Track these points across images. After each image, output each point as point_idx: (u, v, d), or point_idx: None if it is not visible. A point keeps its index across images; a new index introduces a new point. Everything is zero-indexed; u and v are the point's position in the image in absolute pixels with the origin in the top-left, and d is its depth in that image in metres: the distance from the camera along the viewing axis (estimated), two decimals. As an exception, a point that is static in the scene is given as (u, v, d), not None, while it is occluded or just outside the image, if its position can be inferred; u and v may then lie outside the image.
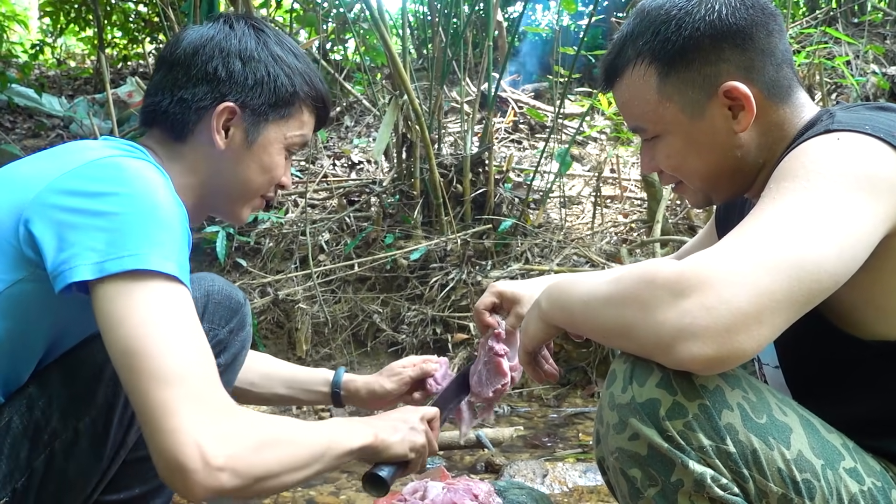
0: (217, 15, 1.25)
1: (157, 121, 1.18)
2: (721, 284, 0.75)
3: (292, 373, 1.56)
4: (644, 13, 1.05)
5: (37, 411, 1.03)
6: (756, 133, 1.02)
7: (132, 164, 1.01)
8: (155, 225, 0.95)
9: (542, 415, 2.68)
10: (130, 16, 5.48)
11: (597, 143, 4.49)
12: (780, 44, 1.02)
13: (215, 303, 1.23)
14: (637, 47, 1.04)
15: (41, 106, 4.52)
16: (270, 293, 2.93)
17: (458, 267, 3.00)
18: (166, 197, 0.99)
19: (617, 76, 1.08)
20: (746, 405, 0.81)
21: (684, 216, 3.46)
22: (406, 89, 2.86)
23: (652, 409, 0.81)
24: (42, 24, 5.72)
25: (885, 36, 4.83)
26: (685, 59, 1.00)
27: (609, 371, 0.88)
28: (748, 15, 1.00)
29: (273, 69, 1.17)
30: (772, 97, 1.02)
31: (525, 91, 5.12)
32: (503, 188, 3.30)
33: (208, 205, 1.24)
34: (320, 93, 1.24)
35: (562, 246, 3.17)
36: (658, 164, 1.10)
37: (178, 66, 1.16)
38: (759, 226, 0.81)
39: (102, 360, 1.10)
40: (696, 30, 0.99)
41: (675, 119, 1.03)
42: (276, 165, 1.22)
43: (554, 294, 0.98)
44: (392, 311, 2.99)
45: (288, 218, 3.30)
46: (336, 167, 3.92)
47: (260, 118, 1.18)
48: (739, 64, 1.00)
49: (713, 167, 1.05)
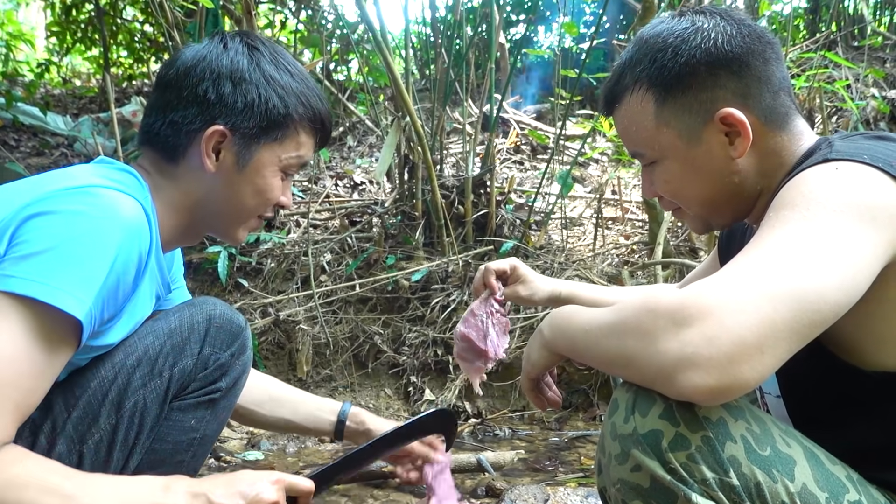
0: (214, 32, 1.24)
1: (151, 142, 1.18)
2: (722, 313, 0.75)
3: (299, 399, 1.56)
4: (642, 41, 1.07)
5: (41, 437, 1.04)
6: (754, 159, 1.03)
7: (103, 196, 1.00)
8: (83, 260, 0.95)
9: (543, 438, 2.67)
10: (136, 35, 5.53)
11: (598, 164, 4.51)
12: (777, 71, 1.04)
13: (217, 327, 1.24)
14: (635, 74, 1.06)
15: (46, 124, 4.54)
16: (272, 314, 2.93)
17: (459, 288, 3.00)
18: (116, 235, 0.98)
19: (616, 102, 1.10)
20: (750, 437, 0.81)
21: (685, 238, 3.47)
22: (408, 111, 2.88)
23: (654, 440, 0.81)
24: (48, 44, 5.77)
25: (885, 60, 4.86)
26: (681, 86, 1.03)
27: (611, 400, 0.88)
28: (744, 43, 1.02)
29: (264, 91, 1.16)
30: (769, 124, 1.03)
31: (527, 112, 5.15)
32: (505, 209, 3.30)
33: (204, 225, 1.24)
34: (318, 113, 1.21)
35: (563, 268, 3.17)
36: (657, 189, 1.11)
37: (171, 87, 1.16)
38: (759, 255, 0.82)
39: (104, 382, 1.11)
40: (692, 57, 1.02)
41: (673, 145, 1.05)
42: (271, 188, 1.20)
43: (556, 322, 0.99)
44: (393, 333, 2.98)
45: (290, 238, 3.30)
46: (338, 187, 3.93)
47: (251, 141, 1.16)
48: (736, 91, 1.01)
49: (711, 193, 1.06)
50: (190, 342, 1.19)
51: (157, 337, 1.17)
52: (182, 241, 1.27)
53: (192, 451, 1.21)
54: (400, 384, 2.92)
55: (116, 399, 1.11)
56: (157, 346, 1.16)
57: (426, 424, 1.46)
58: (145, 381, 1.14)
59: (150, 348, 1.16)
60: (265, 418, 1.52)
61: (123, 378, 1.12)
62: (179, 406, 1.19)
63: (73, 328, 0.96)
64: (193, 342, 1.20)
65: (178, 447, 1.19)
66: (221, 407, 1.25)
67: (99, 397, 1.10)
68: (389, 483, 2.03)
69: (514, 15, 6.47)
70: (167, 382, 1.16)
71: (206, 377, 1.21)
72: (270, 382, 1.55)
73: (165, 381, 1.16)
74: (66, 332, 0.96)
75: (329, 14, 5.10)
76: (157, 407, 1.15)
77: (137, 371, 1.13)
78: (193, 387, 1.20)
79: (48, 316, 0.93)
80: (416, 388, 2.87)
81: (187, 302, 1.27)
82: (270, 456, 2.40)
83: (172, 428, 1.18)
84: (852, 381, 0.94)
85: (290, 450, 2.47)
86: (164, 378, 1.16)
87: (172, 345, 1.18)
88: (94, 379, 1.11)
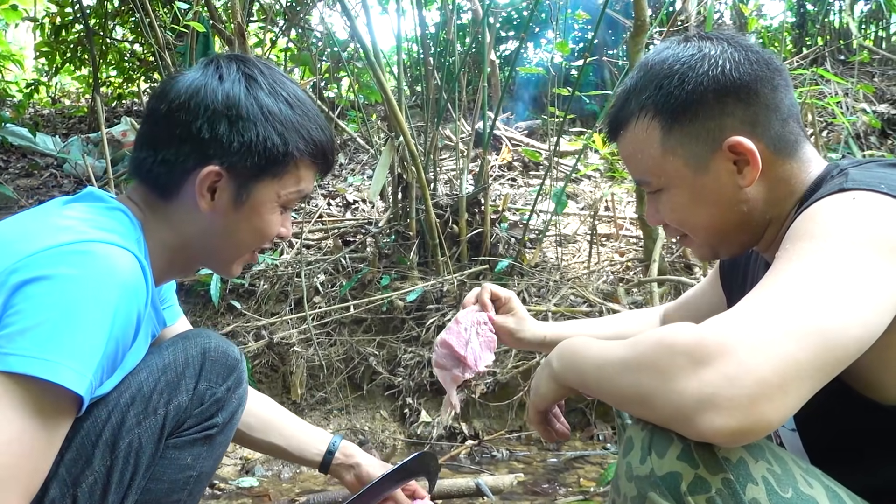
0: (209, 58, 1.16)
1: (143, 177, 1.12)
2: (743, 352, 0.73)
3: (290, 426, 1.52)
4: (648, 67, 1.05)
5: (33, 481, 1.00)
6: (763, 188, 1.01)
7: (98, 256, 0.96)
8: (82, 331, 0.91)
9: (541, 459, 2.64)
10: (126, 55, 5.51)
11: (590, 180, 4.51)
12: (785, 98, 1.02)
13: (212, 360, 1.20)
14: (640, 101, 1.04)
15: (35, 145, 4.50)
16: (265, 336, 2.89)
17: (454, 308, 2.97)
18: (113, 299, 0.94)
19: (621, 129, 1.08)
20: (772, 478, 0.78)
21: (680, 255, 3.46)
22: (402, 130, 2.87)
23: (673, 483, 0.78)
24: (37, 64, 5.74)
25: (874, 74, 4.90)
26: (688, 114, 1.01)
27: (625, 439, 0.86)
28: (752, 70, 1.00)
29: (263, 129, 1.09)
30: (778, 152, 1.01)
31: (518, 129, 5.14)
32: (500, 228, 3.28)
33: (197, 261, 1.20)
34: (320, 145, 1.15)
35: (559, 286, 3.15)
36: (663, 217, 1.09)
37: (163, 121, 1.10)
38: (778, 290, 0.79)
39: (97, 423, 1.07)
40: (699, 84, 1.00)
41: (679, 173, 1.03)
42: (269, 224, 1.15)
43: (566, 355, 0.96)
44: (388, 354, 2.95)
45: (283, 259, 3.27)
46: (331, 206, 3.90)
47: (249, 180, 1.10)
48: (744, 119, 0.99)
49: (718, 221, 1.04)
50: (185, 377, 1.16)
51: (151, 373, 1.14)
52: (175, 276, 1.23)
53: (188, 490, 1.18)
54: (396, 406, 2.88)
55: (110, 439, 1.07)
56: (152, 382, 1.13)
57: (410, 469, 1.46)
58: (140, 420, 1.10)
59: (143, 385, 1.12)
60: (253, 441, 1.48)
61: (117, 417, 1.08)
62: (175, 443, 1.15)
63: (73, 401, 0.93)
64: (188, 377, 1.16)
65: (175, 486, 1.15)
66: (218, 443, 1.21)
67: (92, 438, 1.06)
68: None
69: (503, 32, 6.49)
70: (162, 420, 1.12)
71: (203, 413, 1.18)
72: (264, 404, 1.51)
73: (160, 419, 1.12)
74: (67, 406, 0.93)
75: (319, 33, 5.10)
76: (152, 446, 1.11)
77: (131, 409, 1.10)
78: (189, 423, 1.16)
79: (48, 392, 0.89)
80: (412, 409, 2.84)
81: (181, 335, 1.23)
82: (265, 482, 2.36)
83: (168, 466, 1.15)
84: (870, 415, 0.91)
85: (285, 475, 2.43)
86: (160, 415, 1.12)
87: (167, 381, 1.14)
88: (86, 419, 1.07)
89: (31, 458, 0.89)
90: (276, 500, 2.18)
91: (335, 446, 1.49)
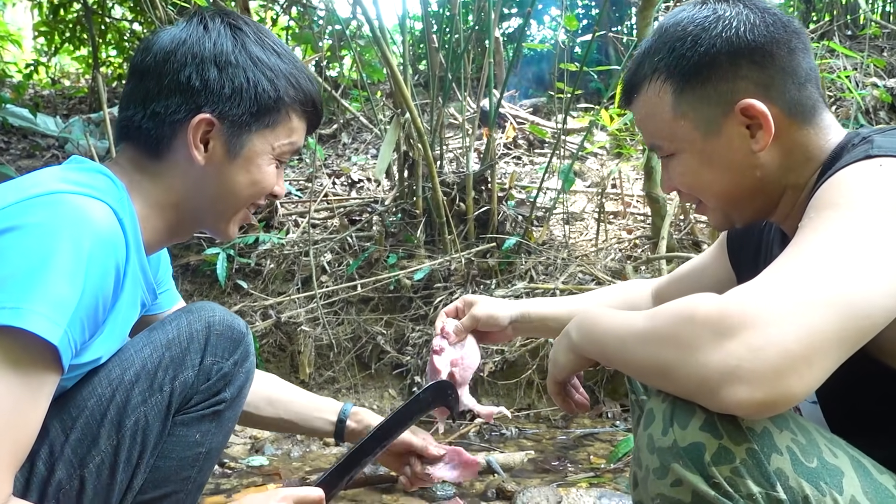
0: (192, 13, 1.14)
1: (131, 137, 1.09)
2: (768, 323, 0.71)
3: (299, 400, 1.50)
4: (662, 30, 1.04)
5: (39, 463, 0.98)
6: (778, 153, 0.99)
7: (68, 204, 0.92)
8: (53, 275, 0.87)
9: (550, 437, 2.63)
10: (125, 34, 5.45)
11: (597, 158, 4.46)
12: (803, 62, 0.99)
13: (217, 334, 1.16)
14: (653, 63, 1.03)
15: (36, 126, 4.46)
16: (272, 316, 2.88)
17: (462, 286, 2.96)
18: (86, 247, 0.90)
19: (634, 92, 1.07)
20: (796, 448, 0.76)
21: (688, 232, 3.43)
22: (408, 107, 2.83)
23: (696, 453, 0.76)
24: (36, 44, 5.68)
25: (882, 49, 4.83)
26: (700, 76, 0.99)
27: (645, 411, 0.84)
28: (768, 32, 0.97)
29: (253, 74, 1.07)
30: (794, 116, 0.98)
31: (523, 106, 5.09)
32: (506, 205, 3.25)
33: (193, 221, 1.16)
34: (309, 94, 1.14)
35: (566, 263, 3.12)
36: (674, 183, 1.07)
37: (149, 75, 1.06)
38: (802, 259, 0.77)
39: (102, 401, 1.05)
40: (712, 46, 0.98)
41: (690, 137, 1.01)
42: (266, 176, 1.13)
43: (586, 326, 0.95)
44: (396, 333, 2.94)
45: (289, 238, 3.25)
46: (336, 186, 3.87)
47: (242, 129, 1.08)
48: (758, 82, 0.97)
49: (731, 187, 1.02)
50: (190, 352, 1.13)
51: (155, 349, 1.11)
52: (170, 240, 1.19)
53: (197, 467, 1.16)
54: (404, 385, 2.87)
55: (116, 418, 1.04)
56: (156, 358, 1.10)
57: (424, 400, 1.38)
58: (145, 397, 1.08)
59: (147, 361, 1.09)
60: (263, 420, 1.46)
61: (122, 395, 1.06)
62: (182, 420, 1.13)
63: (50, 353, 0.88)
64: (194, 352, 1.13)
65: (184, 463, 1.13)
66: (226, 418, 1.19)
67: (97, 417, 1.03)
68: (398, 487, 1.99)
69: (505, 9, 6.41)
70: (168, 397, 1.10)
71: (209, 388, 1.15)
72: (270, 382, 1.49)
73: (167, 396, 1.10)
74: (47, 360, 0.88)
75: (320, 10, 5.04)
76: (159, 423, 1.09)
77: (136, 386, 1.07)
78: (196, 399, 1.14)
79: (24, 344, 0.85)
80: (421, 388, 2.82)
81: (184, 309, 1.20)
82: (275, 461, 2.36)
83: (176, 444, 1.12)
84: (893, 384, 0.89)
85: (295, 454, 2.42)
86: (165, 392, 1.10)
87: (171, 356, 1.11)
88: (90, 398, 1.04)
89: (15, 419, 0.86)
90: (286, 479, 2.17)
91: (345, 414, 1.46)
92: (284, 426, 1.50)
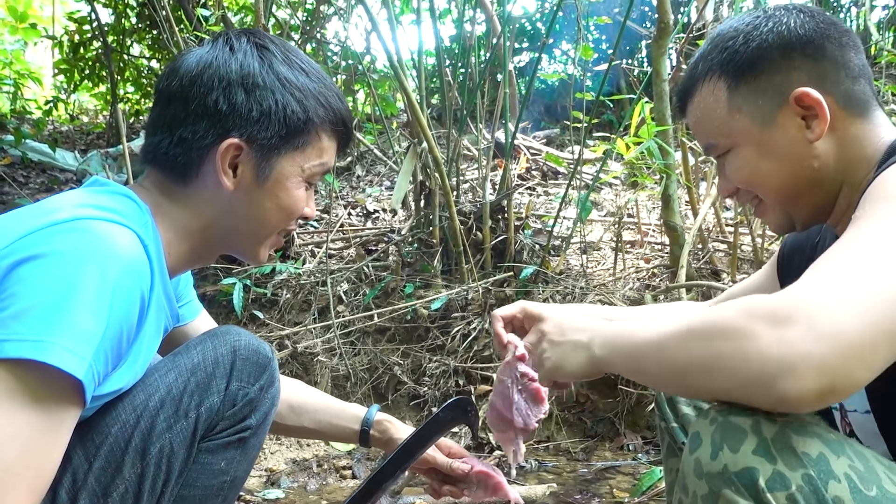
0: (217, 34, 1.13)
1: (158, 162, 1.07)
2: (826, 311, 0.70)
3: (323, 406, 1.47)
4: (716, 34, 1.07)
5: (62, 492, 0.95)
6: (834, 145, 0.99)
7: (93, 231, 0.90)
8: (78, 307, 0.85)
9: (571, 469, 2.57)
10: (143, 71, 5.53)
11: (612, 188, 4.46)
12: (855, 57, 1.01)
13: (242, 359, 1.13)
14: (707, 63, 1.05)
15: (55, 161, 4.52)
16: (289, 346, 2.86)
17: (479, 316, 2.92)
18: (111, 277, 0.89)
19: (689, 97, 1.09)
20: (854, 475, 0.73)
21: (707, 260, 3.39)
22: (426, 136, 2.84)
23: (749, 479, 0.73)
24: (56, 82, 5.78)
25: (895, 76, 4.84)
26: (753, 70, 1.01)
27: (691, 434, 0.80)
28: (818, 27, 1.00)
29: (281, 96, 1.05)
30: (849, 108, 0.99)
31: (536, 138, 5.11)
32: (523, 235, 3.24)
33: (221, 246, 1.14)
34: (339, 113, 1.12)
35: (584, 293, 3.09)
36: (730, 179, 1.07)
37: (175, 100, 1.05)
38: (855, 251, 0.77)
39: (126, 428, 1.02)
40: (763, 41, 1.00)
41: (746, 129, 1.02)
42: (296, 200, 1.11)
43: (612, 339, 0.93)
44: (413, 363, 2.90)
45: (305, 268, 3.24)
46: (351, 217, 3.88)
47: (271, 152, 1.06)
48: (811, 73, 0.99)
49: (788, 178, 1.02)
50: (216, 377, 1.10)
51: (180, 374, 1.08)
52: (194, 264, 1.18)
53: (222, 496, 1.12)
54: (421, 416, 2.83)
55: (141, 445, 1.02)
56: (181, 383, 1.08)
57: (444, 419, 1.36)
58: (170, 424, 1.05)
59: (172, 387, 1.07)
60: (286, 428, 1.44)
61: (147, 422, 1.03)
62: (208, 448, 1.10)
63: (74, 388, 0.86)
64: (219, 377, 1.10)
65: (208, 492, 1.10)
66: (252, 445, 1.16)
67: (122, 444, 1.01)
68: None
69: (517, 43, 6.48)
70: (194, 423, 1.07)
71: (235, 415, 1.12)
72: (293, 389, 1.46)
73: (192, 422, 1.07)
74: (70, 394, 0.86)
75: (334, 45, 5.10)
76: (184, 450, 1.06)
77: (161, 413, 1.05)
78: (222, 426, 1.11)
79: (46, 378, 0.83)
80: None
81: (208, 333, 1.18)
82: (291, 494, 2.31)
83: (201, 472, 1.09)
84: None
85: (311, 487, 2.38)
86: (191, 419, 1.07)
87: (197, 382, 1.09)
88: (114, 424, 1.02)
89: (35, 455, 0.84)
90: (303, 513, 2.13)
91: (368, 424, 1.43)
92: (307, 433, 1.48)
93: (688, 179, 3.41)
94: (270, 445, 2.65)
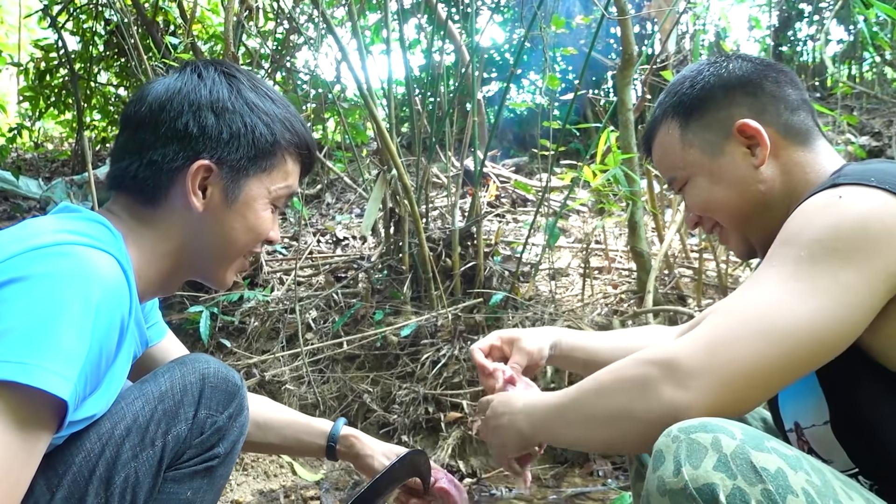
0: (184, 63, 1.16)
1: (126, 187, 1.09)
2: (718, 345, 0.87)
3: (289, 422, 1.46)
4: (669, 84, 1.20)
5: (24, 523, 0.93)
6: (778, 171, 1.08)
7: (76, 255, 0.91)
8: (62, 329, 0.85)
9: (541, 496, 2.57)
10: (110, 98, 5.49)
11: (579, 215, 4.52)
12: (793, 92, 1.11)
13: (212, 387, 1.12)
14: (662, 107, 1.19)
15: (18, 188, 4.45)
16: (256, 374, 2.83)
17: (449, 342, 2.93)
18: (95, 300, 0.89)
19: (651, 138, 1.22)
20: (811, 490, 0.75)
21: (673, 286, 3.45)
22: (395, 163, 2.86)
23: (710, 494, 0.75)
24: (21, 109, 5.71)
25: (852, 108, 5.01)
26: (700, 109, 1.13)
27: (654, 452, 0.82)
28: (755, 69, 1.12)
29: (250, 119, 1.09)
30: (789, 137, 1.08)
31: (506, 165, 5.17)
32: (493, 261, 3.27)
33: (188, 270, 1.15)
34: (304, 138, 1.16)
35: (553, 318, 3.11)
36: (691, 207, 1.18)
37: (144, 125, 1.07)
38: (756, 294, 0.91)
39: (90, 457, 1.01)
40: (706, 83, 1.13)
41: (699, 161, 1.13)
42: (263, 221, 1.14)
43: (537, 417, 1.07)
44: (382, 391, 2.89)
45: (274, 296, 3.22)
46: (321, 244, 3.87)
47: (240, 174, 1.09)
48: (752, 107, 1.11)
49: (739, 201, 1.11)
50: (183, 405, 1.09)
51: (147, 401, 1.06)
52: (160, 292, 1.18)
53: (187, 527, 1.11)
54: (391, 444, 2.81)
55: (105, 474, 1.00)
56: (148, 411, 1.06)
57: (398, 471, 1.38)
58: (136, 453, 1.03)
59: (139, 415, 1.05)
60: (251, 444, 1.43)
61: (112, 450, 1.01)
62: (174, 477, 1.08)
63: (56, 410, 0.86)
64: (187, 405, 1.09)
65: (174, 523, 1.09)
66: (219, 475, 1.14)
67: (85, 474, 0.99)
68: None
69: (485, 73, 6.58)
70: (160, 452, 1.05)
71: (203, 443, 1.10)
72: (259, 405, 1.45)
73: (158, 451, 1.05)
74: (49, 416, 0.86)
75: (304, 74, 5.13)
76: (150, 479, 1.04)
77: (127, 441, 1.03)
78: (189, 454, 1.09)
79: (29, 400, 0.83)
80: (409, 447, 2.76)
81: (177, 361, 1.17)
82: (258, 527, 2.27)
83: (167, 502, 1.07)
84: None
85: (279, 519, 2.34)
86: (157, 447, 1.05)
87: (164, 409, 1.07)
88: (78, 453, 1.00)
89: (10, 475, 0.83)
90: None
91: (335, 439, 1.43)
92: (273, 449, 1.50)
93: (653, 206, 3.48)
94: (237, 477, 2.60)
